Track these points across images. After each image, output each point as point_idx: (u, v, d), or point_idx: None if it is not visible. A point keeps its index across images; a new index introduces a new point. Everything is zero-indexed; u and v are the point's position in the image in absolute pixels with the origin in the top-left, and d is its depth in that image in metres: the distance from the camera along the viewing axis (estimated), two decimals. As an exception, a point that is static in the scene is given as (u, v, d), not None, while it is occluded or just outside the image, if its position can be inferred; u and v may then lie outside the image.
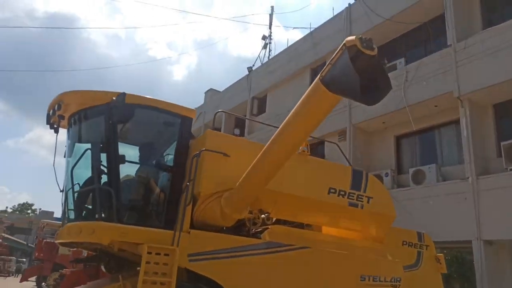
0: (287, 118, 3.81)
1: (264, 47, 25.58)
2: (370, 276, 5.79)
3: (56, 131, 5.58)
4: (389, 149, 14.19)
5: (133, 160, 5.47)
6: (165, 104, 5.42)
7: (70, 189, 5.10)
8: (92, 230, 4.57)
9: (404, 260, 6.43)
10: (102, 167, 4.99)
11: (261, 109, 20.45)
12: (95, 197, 4.93)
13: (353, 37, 2.94)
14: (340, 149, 7.48)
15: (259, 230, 5.59)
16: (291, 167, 5.58)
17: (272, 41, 26.30)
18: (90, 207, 5.17)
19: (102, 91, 5.13)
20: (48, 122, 5.54)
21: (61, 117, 5.46)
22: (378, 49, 2.93)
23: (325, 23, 17.58)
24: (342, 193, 5.89)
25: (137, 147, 5.69)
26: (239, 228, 5.47)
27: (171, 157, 5.44)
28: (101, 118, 5.11)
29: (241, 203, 4.68)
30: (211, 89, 26.56)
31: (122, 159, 5.05)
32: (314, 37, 17.71)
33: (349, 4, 16.59)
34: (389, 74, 13.38)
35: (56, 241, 4.95)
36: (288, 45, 19.83)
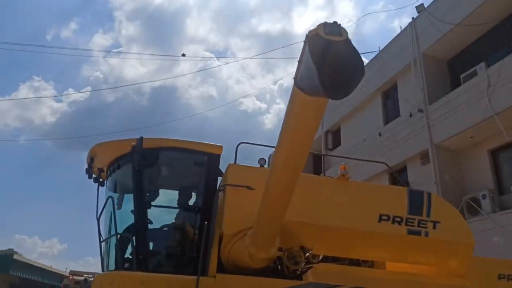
0: (279, 136, 3.35)
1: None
2: None
3: (97, 182, 5.73)
4: (484, 167, 12.26)
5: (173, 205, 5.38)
6: (188, 143, 5.30)
7: (103, 239, 5.12)
8: (112, 280, 4.45)
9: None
10: (127, 215, 4.95)
11: (336, 143, 19.60)
12: (119, 246, 4.86)
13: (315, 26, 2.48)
14: (388, 166, 6.50)
15: (304, 269, 4.96)
16: (328, 195, 4.99)
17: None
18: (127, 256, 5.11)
19: (126, 140, 5.21)
20: (89, 176, 5.76)
21: (100, 169, 5.66)
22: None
23: (390, 42, 16.63)
24: (398, 219, 5.01)
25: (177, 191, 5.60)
26: (277, 269, 4.91)
27: (200, 197, 5.23)
28: (128, 166, 5.14)
29: (264, 240, 4.19)
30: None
31: (147, 205, 4.97)
32: (379, 59, 16.79)
33: (413, 18, 15.56)
34: (470, 82, 12.21)
35: None
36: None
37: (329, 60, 2.28)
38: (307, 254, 5.06)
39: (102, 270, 5.02)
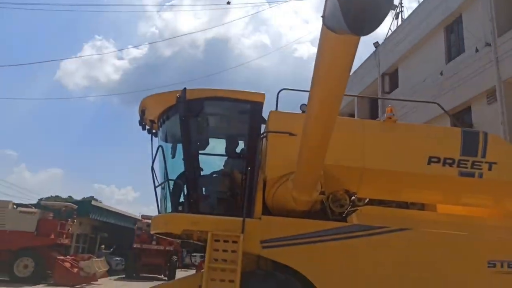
0: (312, 79, 3.26)
1: (396, 17, 23.22)
2: (503, 262, 4.56)
3: (151, 133, 6.03)
4: (561, 104, 11.09)
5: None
6: (231, 92, 5.37)
7: (158, 184, 5.49)
8: (166, 221, 4.84)
9: None
10: (179, 162, 5.23)
11: (393, 85, 18.61)
12: (174, 191, 5.21)
13: None
14: (440, 106, 6.11)
15: (350, 212, 5.02)
16: (373, 138, 4.88)
17: (404, 9, 23.72)
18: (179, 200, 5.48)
19: (173, 92, 5.38)
20: (143, 128, 6.08)
21: (152, 121, 5.96)
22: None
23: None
24: (449, 161, 4.81)
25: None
26: (324, 212, 5.01)
27: (245, 144, 5.36)
28: (175, 117, 5.36)
29: (305, 183, 4.25)
30: (342, 74, 25.51)
31: (195, 153, 5.21)
32: (443, -11, 15.21)
33: None
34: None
35: (152, 232, 5.42)
36: (418, 5, 17.47)
37: None
38: (353, 197, 5.08)
39: (159, 213, 5.46)
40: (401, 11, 23.57)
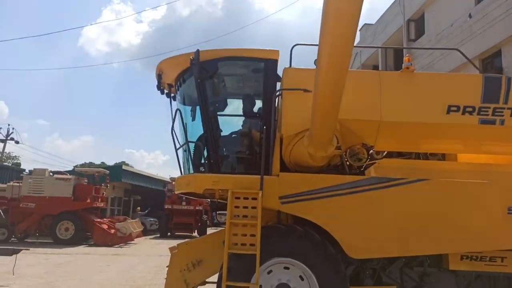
0: (320, 32, 3.19)
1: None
2: None
3: (169, 97, 6.10)
4: None
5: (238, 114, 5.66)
6: (244, 51, 5.33)
7: (179, 147, 5.65)
8: (188, 182, 5.02)
9: None
10: (198, 124, 5.34)
11: (420, 32, 17.77)
12: (194, 152, 5.36)
13: None
14: (461, 52, 5.87)
15: (368, 165, 5.06)
16: (389, 90, 4.81)
17: None
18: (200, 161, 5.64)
19: (187, 54, 5.39)
20: (161, 92, 6.14)
21: (169, 85, 6.03)
22: None
23: None
24: (469, 109, 4.70)
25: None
26: (343, 166, 5.07)
27: (261, 103, 5.38)
28: (191, 79, 5.41)
29: (320, 139, 4.28)
30: (364, 24, 24.54)
31: (213, 114, 5.29)
32: None
33: None
34: None
35: (176, 192, 5.65)
36: None
37: None
38: (371, 151, 5.09)
39: (181, 174, 5.66)
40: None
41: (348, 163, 4.95)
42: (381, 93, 4.75)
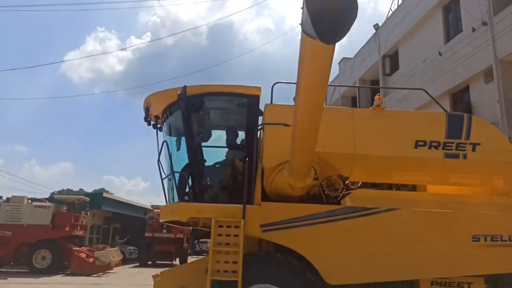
0: (297, 77, 3.57)
1: (395, -3, 23.07)
2: (486, 236, 4.91)
3: (156, 128, 6.38)
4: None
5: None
6: (228, 87, 5.70)
7: (165, 177, 5.89)
8: (173, 210, 5.24)
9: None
10: (184, 155, 5.61)
11: (395, 67, 18.72)
12: (179, 182, 5.61)
13: None
14: (426, 92, 6.40)
15: (344, 195, 5.38)
16: (362, 125, 5.20)
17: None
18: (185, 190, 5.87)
19: (174, 89, 5.73)
20: (148, 123, 6.43)
21: (156, 117, 6.32)
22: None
23: None
24: (435, 144, 5.14)
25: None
26: (320, 196, 5.38)
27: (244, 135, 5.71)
28: (178, 113, 5.72)
29: (299, 170, 4.61)
30: (343, 58, 25.63)
31: (198, 145, 5.58)
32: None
33: None
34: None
35: (161, 220, 5.83)
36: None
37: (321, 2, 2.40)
38: (346, 181, 5.44)
39: (166, 202, 5.87)
40: (401, -10, 23.41)
41: (325, 193, 5.27)
42: (355, 129, 5.16)
